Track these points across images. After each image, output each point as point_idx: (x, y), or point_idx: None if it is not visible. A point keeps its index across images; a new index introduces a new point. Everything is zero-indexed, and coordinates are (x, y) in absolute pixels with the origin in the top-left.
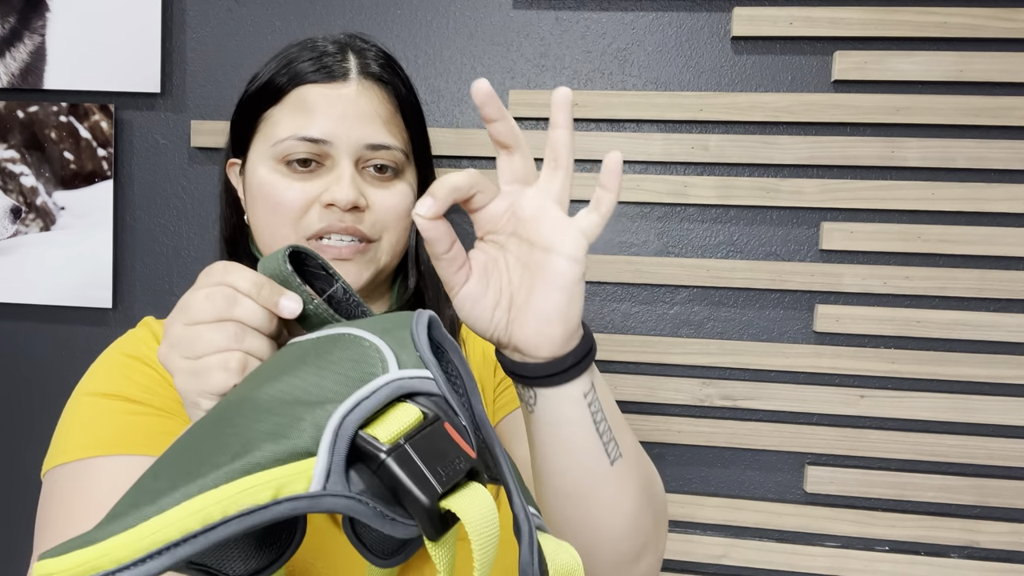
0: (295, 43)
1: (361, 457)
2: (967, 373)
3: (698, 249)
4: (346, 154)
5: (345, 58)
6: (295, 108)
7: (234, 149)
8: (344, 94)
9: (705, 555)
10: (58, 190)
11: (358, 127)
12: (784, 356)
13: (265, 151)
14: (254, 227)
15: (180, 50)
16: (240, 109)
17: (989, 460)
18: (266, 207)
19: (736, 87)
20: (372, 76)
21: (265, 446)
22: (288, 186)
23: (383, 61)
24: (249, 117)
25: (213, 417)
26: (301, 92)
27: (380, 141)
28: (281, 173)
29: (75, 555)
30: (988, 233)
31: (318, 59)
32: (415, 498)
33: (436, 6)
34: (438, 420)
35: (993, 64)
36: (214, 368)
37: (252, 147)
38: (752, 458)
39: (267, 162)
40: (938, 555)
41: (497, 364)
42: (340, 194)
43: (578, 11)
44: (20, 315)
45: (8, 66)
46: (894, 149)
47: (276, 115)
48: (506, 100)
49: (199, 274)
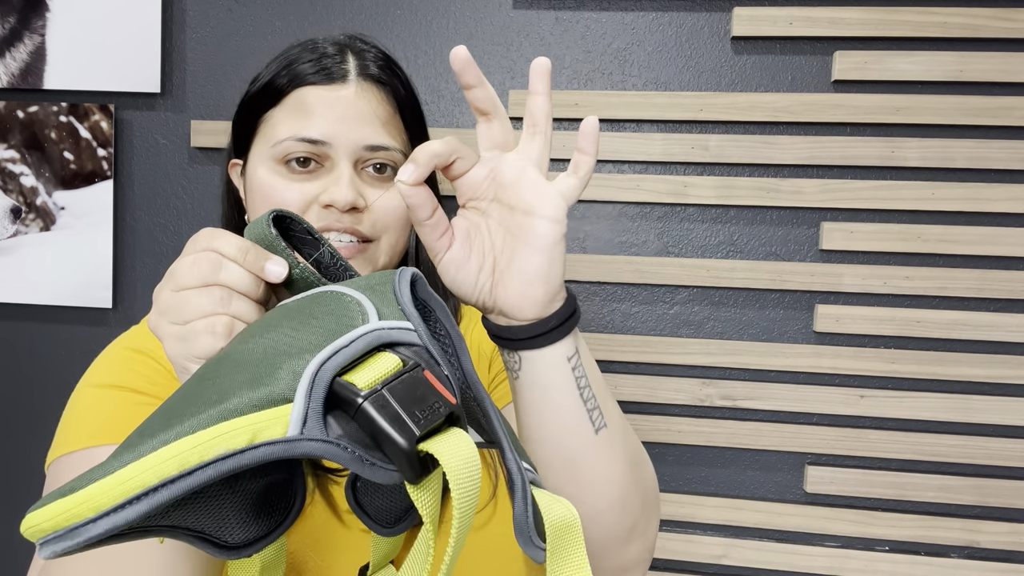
0: (296, 44)
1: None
2: (967, 373)
3: (698, 249)
4: (345, 155)
5: (344, 59)
6: (294, 109)
7: (236, 150)
8: (343, 96)
9: (705, 555)
10: (58, 190)
11: (356, 128)
12: (784, 356)
13: (265, 152)
14: None
15: (180, 50)
16: (241, 110)
17: (989, 460)
18: (265, 207)
19: (736, 87)
20: (371, 77)
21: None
22: (287, 187)
23: (382, 62)
24: (249, 118)
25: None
26: (300, 94)
27: (378, 142)
28: (280, 174)
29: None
30: (988, 233)
31: (317, 60)
32: (393, 440)
33: (436, 6)
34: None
35: (993, 64)
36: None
37: (252, 148)
38: (752, 458)
39: (267, 163)
40: (938, 555)
41: (492, 359)
42: (338, 195)
43: (578, 11)
44: (20, 315)
45: (8, 66)
46: (894, 149)
47: (275, 116)
48: (506, 100)
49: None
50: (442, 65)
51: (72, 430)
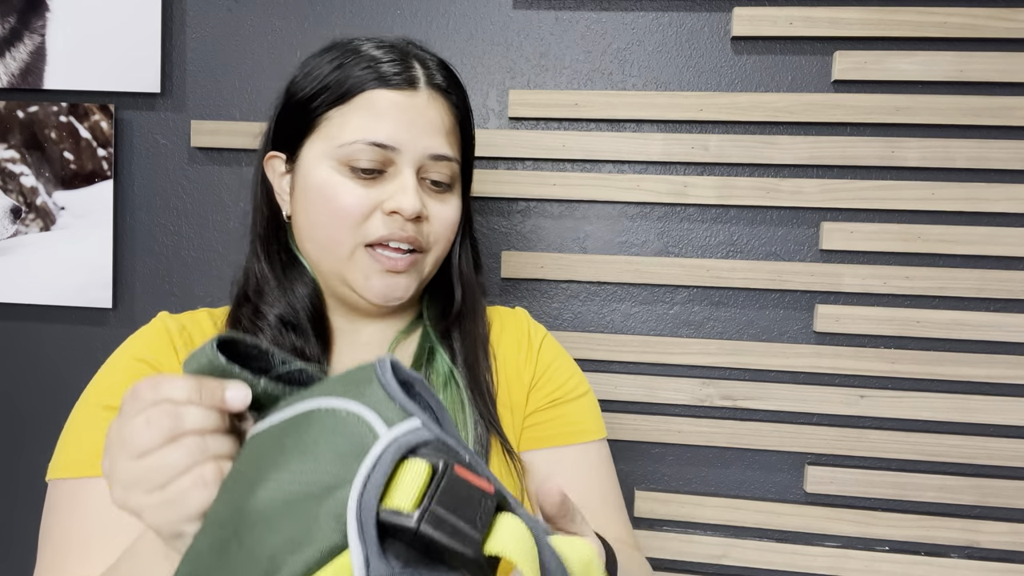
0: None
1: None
2: (967, 373)
3: (698, 249)
4: (410, 162)
5: (412, 66)
6: (364, 111)
7: (278, 144)
8: (415, 103)
9: (705, 555)
10: (58, 190)
11: (425, 136)
12: (784, 356)
13: (326, 151)
14: (304, 226)
15: (180, 50)
16: (293, 104)
17: (989, 460)
18: (325, 209)
19: (736, 87)
20: (438, 87)
21: (291, 557)
22: (351, 190)
23: (446, 72)
24: (305, 115)
25: (212, 541)
26: (370, 96)
27: (443, 152)
28: (344, 175)
29: None
30: (988, 233)
31: (381, 64)
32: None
33: (436, 6)
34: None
35: (993, 64)
36: (189, 489)
37: (308, 145)
38: (752, 458)
39: (328, 162)
40: (938, 555)
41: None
42: (406, 203)
43: (578, 11)
44: (20, 315)
45: (8, 66)
46: (894, 149)
47: (341, 116)
48: (506, 100)
49: (123, 401)
50: None
51: (70, 453)
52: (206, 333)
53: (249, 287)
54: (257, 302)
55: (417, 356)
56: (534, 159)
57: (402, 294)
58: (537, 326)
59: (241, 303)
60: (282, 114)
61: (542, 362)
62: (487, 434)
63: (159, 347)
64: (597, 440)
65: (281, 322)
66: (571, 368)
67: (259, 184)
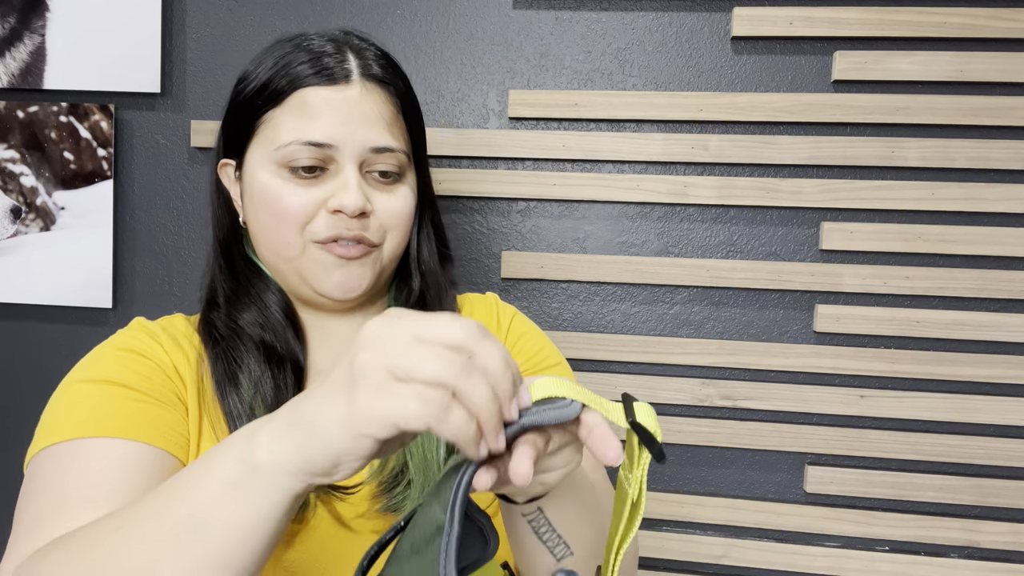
0: (287, 39)
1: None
2: (967, 373)
3: (698, 249)
4: (351, 158)
5: (345, 58)
6: (297, 111)
7: (227, 150)
8: (348, 96)
9: (705, 555)
10: (58, 190)
11: (362, 130)
12: (784, 356)
13: (266, 155)
14: (254, 231)
15: (180, 50)
16: (235, 110)
17: (989, 460)
18: (269, 213)
19: (736, 87)
20: (374, 78)
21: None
22: (292, 192)
23: (384, 61)
24: (246, 119)
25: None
26: (303, 95)
27: (384, 144)
28: (284, 178)
29: None
30: (988, 233)
31: (318, 59)
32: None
33: (436, 6)
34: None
35: (993, 64)
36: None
37: (250, 150)
38: (752, 458)
39: (268, 166)
40: (938, 555)
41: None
42: (348, 200)
43: (578, 11)
44: (20, 315)
45: (8, 66)
46: (894, 149)
47: (277, 118)
48: (506, 100)
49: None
50: (442, 65)
51: (55, 423)
52: (184, 333)
53: (217, 294)
54: (228, 308)
55: None
56: (534, 159)
57: (358, 283)
58: (506, 307)
59: (212, 309)
60: (227, 118)
61: (511, 338)
62: None
63: (141, 339)
64: None
65: (253, 324)
66: (542, 340)
67: (216, 191)
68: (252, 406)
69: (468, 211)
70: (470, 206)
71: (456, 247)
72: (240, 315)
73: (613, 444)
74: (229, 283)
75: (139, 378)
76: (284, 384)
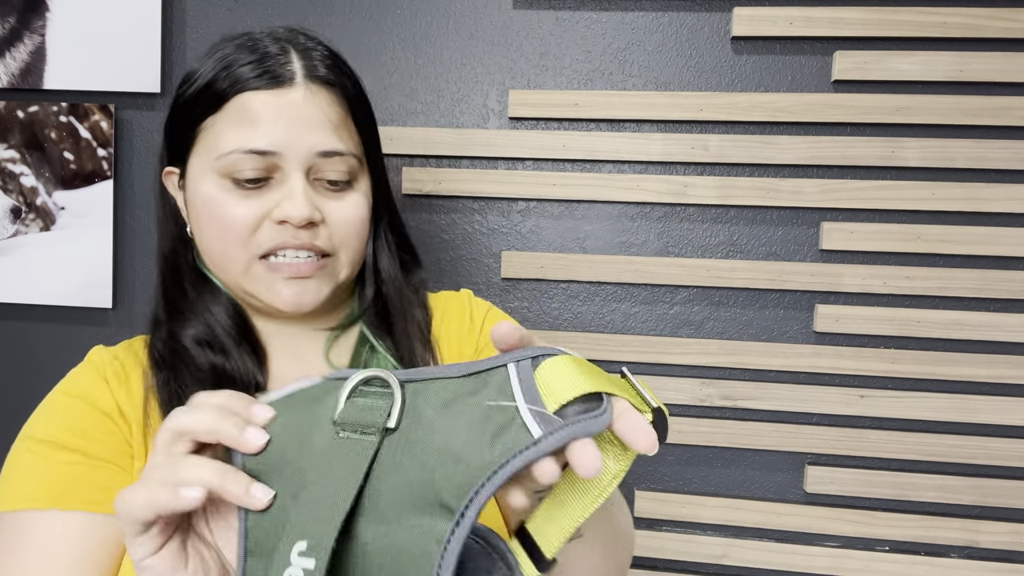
0: (231, 38)
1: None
2: (967, 373)
3: (698, 249)
4: (296, 164)
5: (289, 60)
6: (238, 118)
7: (171, 157)
8: (291, 100)
9: (705, 555)
10: (58, 190)
11: (307, 134)
12: (784, 356)
13: (208, 164)
14: (201, 244)
15: (180, 50)
16: (176, 115)
17: (989, 460)
18: (212, 225)
19: (736, 87)
20: (319, 79)
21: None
22: (236, 203)
23: (330, 61)
24: (186, 125)
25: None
26: (243, 99)
27: (332, 147)
28: (226, 189)
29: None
30: (988, 233)
31: (259, 62)
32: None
33: (436, 6)
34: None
35: (993, 64)
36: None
37: (192, 158)
38: (752, 458)
39: (210, 176)
40: (938, 555)
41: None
42: (293, 210)
43: (578, 11)
44: (20, 315)
45: (8, 66)
46: (894, 149)
47: (217, 125)
48: (506, 100)
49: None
50: (442, 65)
51: (10, 487)
52: (139, 358)
53: (159, 310)
54: (170, 325)
55: (356, 351)
56: (534, 159)
57: (313, 298)
58: (480, 302)
59: (155, 328)
60: (168, 125)
61: (484, 333)
62: None
63: (91, 382)
64: None
65: (198, 343)
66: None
67: (161, 200)
68: None
69: (468, 211)
70: (470, 206)
71: (456, 247)
72: (183, 332)
73: (646, 431)
74: (174, 298)
75: (78, 435)
76: None
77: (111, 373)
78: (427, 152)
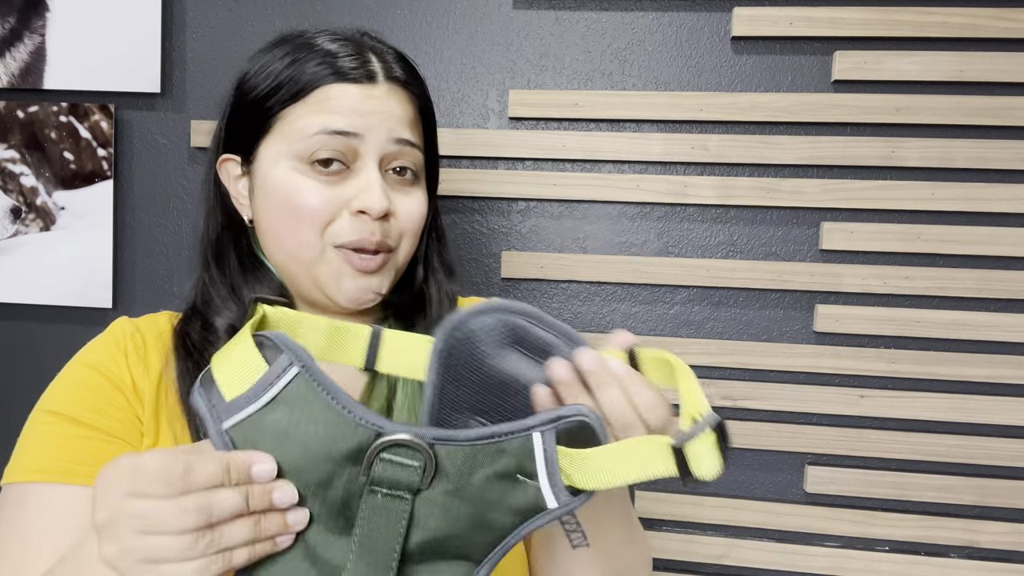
0: (293, 36)
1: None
2: (967, 373)
3: (698, 249)
4: (373, 150)
5: (368, 59)
6: (321, 106)
7: (231, 147)
8: (374, 94)
9: (705, 555)
10: (58, 190)
11: (387, 121)
12: (784, 356)
13: (284, 149)
14: (268, 230)
15: (180, 50)
16: (245, 107)
17: (989, 460)
18: (286, 210)
19: (736, 87)
20: (397, 80)
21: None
22: (313, 189)
23: (404, 64)
24: (258, 116)
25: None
26: (327, 91)
27: (407, 136)
28: (304, 173)
29: None
30: (988, 233)
31: (337, 59)
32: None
33: (436, 6)
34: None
35: (993, 64)
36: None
37: (264, 146)
38: (752, 458)
39: (287, 161)
40: (938, 555)
41: None
42: (372, 202)
43: (578, 11)
44: (20, 315)
45: (8, 66)
46: (894, 149)
47: (297, 112)
48: (506, 100)
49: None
50: (442, 65)
51: (20, 458)
52: (162, 334)
53: (198, 298)
54: (206, 313)
55: None
56: (534, 159)
57: (373, 296)
58: None
59: (189, 317)
60: (233, 114)
61: None
62: None
63: (109, 354)
64: None
65: (229, 331)
66: None
67: (213, 188)
68: None
69: (468, 211)
70: (470, 206)
71: (456, 247)
72: (216, 319)
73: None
74: (215, 284)
75: (91, 409)
76: None
77: (132, 347)
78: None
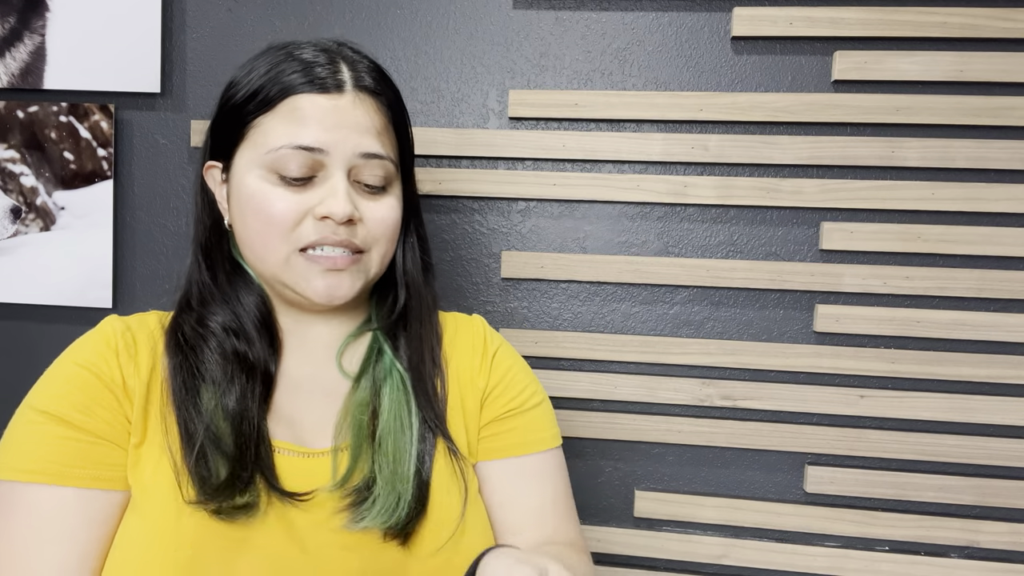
0: (278, 47)
1: None
2: (967, 373)
3: (698, 249)
4: (340, 164)
5: (338, 69)
6: (288, 117)
7: (214, 153)
8: (340, 105)
9: (705, 555)
10: (58, 190)
11: (353, 136)
12: (784, 356)
13: (255, 159)
14: (241, 235)
15: (180, 50)
16: (224, 114)
17: (989, 460)
18: (257, 217)
19: (736, 87)
20: (366, 88)
21: None
22: (280, 196)
23: (376, 73)
24: (235, 123)
25: None
26: (295, 101)
27: (374, 150)
28: (272, 183)
29: None
30: (988, 233)
31: (311, 68)
32: None
33: (436, 6)
34: None
35: (993, 64)
36: None
37: (239, 153)
38: (752, 458)
39: (257, 170)
40: (938, 555)
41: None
42: (336, 207)
43: (578, 11)
44: (20, 315)
45: (8, 66)
46: (894, 149)
47: (267, 123)
48: (506, 100)
49: None
50: (442, 65)
51: (8, 455)
52: (152, 334)
53: (192, 296)
54: (200, 310)
55: (366, 357)
56: (534, 159)
57: (346, 292)
58: (493, 333)
59: (183, 311)
60: (216, 121)
61: (497, 371)
62: (432, 435)
63: (100, 353)
64: (555, 448)
65: (224, 330)
66: (527, 376)
67: (200, 193)
68: (212, 417)
69: (468, 211)
70: (470, 206)
71: (456, 247)
72: (212, 317)
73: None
74: (207, 285)
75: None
76: (251, 393)
77: (122, 346)
78: (427, 152)
